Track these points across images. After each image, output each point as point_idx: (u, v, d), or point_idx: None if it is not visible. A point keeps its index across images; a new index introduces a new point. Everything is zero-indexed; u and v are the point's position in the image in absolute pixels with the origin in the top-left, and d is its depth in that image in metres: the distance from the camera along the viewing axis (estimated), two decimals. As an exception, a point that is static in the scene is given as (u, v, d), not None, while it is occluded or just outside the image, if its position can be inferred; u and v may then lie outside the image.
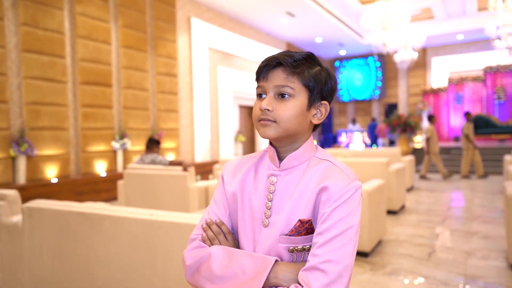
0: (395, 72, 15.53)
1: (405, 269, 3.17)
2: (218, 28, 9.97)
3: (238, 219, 0.94)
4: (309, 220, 0.85)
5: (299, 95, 0.88)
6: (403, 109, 15.15)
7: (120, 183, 5.03)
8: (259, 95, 0.91)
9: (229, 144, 10.48)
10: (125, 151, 7.35)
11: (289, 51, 0.91)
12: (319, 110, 0.92)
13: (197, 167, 8.30)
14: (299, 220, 0.85)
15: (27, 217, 2.21)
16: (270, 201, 0.90)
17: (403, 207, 5.59)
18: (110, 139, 7.06)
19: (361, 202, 0.86)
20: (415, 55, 11.67)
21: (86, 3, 6.61)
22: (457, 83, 14.01)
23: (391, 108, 15.62)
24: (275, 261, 0.84)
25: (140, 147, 7.63)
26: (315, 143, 0.97)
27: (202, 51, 9.42)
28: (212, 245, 0.92)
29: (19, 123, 5.72)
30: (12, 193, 2.50)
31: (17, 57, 5.69)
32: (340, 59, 16.52)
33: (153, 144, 4.84)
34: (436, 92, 14.28)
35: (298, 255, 0.86)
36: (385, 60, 15.37)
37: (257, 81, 0.91)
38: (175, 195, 4.31)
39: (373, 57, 15.62)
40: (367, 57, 15.89)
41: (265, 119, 0.87)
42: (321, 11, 10.36)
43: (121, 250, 1.90)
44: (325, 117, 0.92)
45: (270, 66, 0.88)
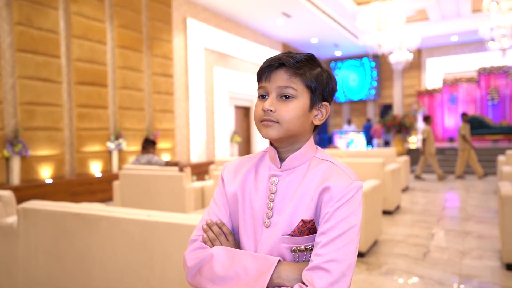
0: (390, 73, 15.61)
1: (400, 269, 3.19)
2: (214, 28, 9.97)
3: (239, 220, 0.94)
4: (312, 220, 0.86)
5: (301, 96, 0.88)
6: (398, 110, 15.24)
7: (115, 183, 5.00)
8: (261, 95, 0.91)
9: (225, 144, 10.47)
10: (121, 152, 7.31)
11: (290, 52, 0.91)
12: (320, 111, 0.93)
13: (193, 167, 8.28)
14: (302, 220, 0.86)
15: (22, 218, 2.19)
16: (271, 202, 0.90)
17: (398, 208, 5.62)
18: (105, 139, 7.02)
19: (361, 201, 0.87)
20: (410, 56, 11.75)
21: (81, 3, 6.57)
22: (452, 84, 14.12)
23: (386, 108, 15.70)
24: (278, 261, 0.84)
25: (135, 147, 7.60)
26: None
27: (198, 51, 9.41)
28: (213, 246, 0.92)
29: (13, 123, 5.67)
30: (6, 194, 2.47)
31: (11, 56, 5.64)
32: (335, 60, 16.57)
33: (149, 144, 4.82)
34: (430, 93, 14.38)
35: (300, 255, 0.87)
36: (380, 61, 15.44)
37: (259, 82, 0.92)
38: (171, 196, 4.30)
39: (368, 58, 15.69)
40: (362, 58, 15.95)
41: (267, 120, 0.88)
42: (317, 12, 10.39)
43: (118, 251, 1.89)
44: (325, 118, 0.93)
45: (272, 67, 0.88)
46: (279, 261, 0.84)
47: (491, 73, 13.43)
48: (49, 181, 5.84)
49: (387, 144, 12.85)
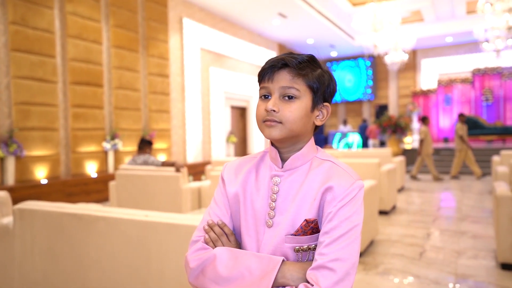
0: (385, 73, 15.69)
1: (397, 268, 3.21)
2: (210, 28, 9.96)
3: (240, 220, 0.94)
4: (315, 219, 0.86)
5: (304, 97, 0.89)
6: (393, 110, 15.31)
7: (111, 184, 4.98)
8: (263, 96, 0.91)
9: (221, 144, 10.46)
10: (116, 152, 7.28)
11: (292, 52, 0.92)
12: (321, 111, 0.94)
13: (189, 167, 8.27)
14: (305, 219, 0.86)
15: (18, 219, 2.17)
16: (273, 202, 0.90)
17: (394, 208, 5.65)
18: (101, 139, 6.99)
19: (363, 201, 0.88)
20: (405, 57, 11.81)
21: (76, 2, 6.53)
22: (446, 84, 14.22)
23: (382, 109, 15.78)
24: (282, 261, 0.84)
25: (131, 147, 7.57)
26: None
27: (194, 51, 9.39)
28: (215, 246, 0.91)
29: (8, 124, 5.63)
30: (2, 194, 2.45)
31: (6, 56, 5.60)
32: (331, 61, 16.62)
33: (145, 144, 4.80)
34: (425, 93, 14.47)
35: (303, 254, 0.87)
36: (376, 61, 15.51)
37: (261, 82, 0.92)
38: (168, 196, 4.29)
39: (364, 59, 15.76)
40: (358, 58, 16.02)
41: (270, 120, 0.88)
42: (312, 12, 10.41)
43: (116, 251, 1.88)
44: (326, 118, 0.94)
45: (275, 67, 0.89)
46: (283, 261, 0.84)
47: (486, 74, 13.54)
48: (44, 182, 5.80)
49: (382, 144, 12.90)
